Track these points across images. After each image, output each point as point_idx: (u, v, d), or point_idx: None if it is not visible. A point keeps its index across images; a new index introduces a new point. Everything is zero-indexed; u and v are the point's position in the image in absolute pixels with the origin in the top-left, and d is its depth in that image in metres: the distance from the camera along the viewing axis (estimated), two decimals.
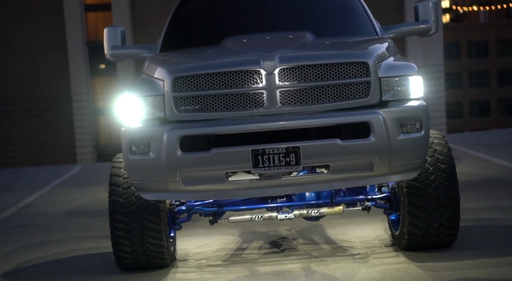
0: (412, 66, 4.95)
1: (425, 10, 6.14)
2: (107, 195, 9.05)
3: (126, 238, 5.24)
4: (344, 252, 5.61)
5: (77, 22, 22.48)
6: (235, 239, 6.34)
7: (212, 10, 6.42)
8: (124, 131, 4.95)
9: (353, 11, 6.20)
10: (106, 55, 6.43)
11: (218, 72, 4.75)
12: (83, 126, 20.85)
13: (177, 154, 4.71)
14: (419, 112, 4.84)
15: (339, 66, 4.74)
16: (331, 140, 4.68)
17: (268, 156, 4.68)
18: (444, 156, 5.23)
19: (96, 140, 22.72)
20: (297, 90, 4.74)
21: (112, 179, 5.33)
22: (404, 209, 5.25)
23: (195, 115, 4.79)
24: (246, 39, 5.51)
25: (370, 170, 4.76)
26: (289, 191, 4.90)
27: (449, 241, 5.35)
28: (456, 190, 5.20)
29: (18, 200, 9.18)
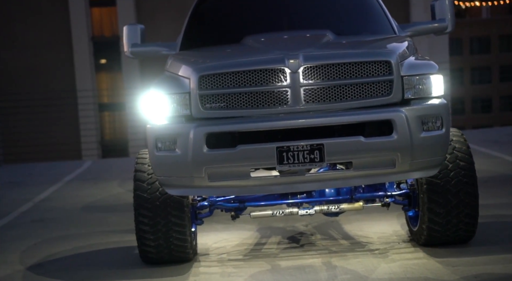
0: (433, 65, 5.04)
1: (441, 8, 6.23)
2: (121, 191, 9.19)
3: (151, 233, 5.33)
4: (363, 247, 5.71)
5: (82, 18, 22.57)
6: (253, 234, 6.44)
7: (231, 9, 6.50)
8: (150, 128, 5.03)
9: (371, 10, 6.28)
10: (125, 52, 6.51)
11: (243, 71, 4.84)
12: (88, 122, 20.95)
13: (203, 150, 4.80)
14: (440, 110, 4.93)
15: (362, 65, 4.83)
16: (355, 137, 4.77)
17: (293, 152, 4.77)
18: (463, 153, 5.32)
19: (101, 136, 22.82)
20: (321, 88, 4.83)
21: (136, 175, 5.41)
22: (423, 206, 5.34)
23: (220, 113, 4.88)
24: (268, 38, 5.59)
25: (392, 167, 4.85)
26: (312, 187, 5.00)
27: (467, 237, 5.45)
28: (475, 186, 5.29)
29: (34, 195, 9.27)
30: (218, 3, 6.57)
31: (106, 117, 22.96)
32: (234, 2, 6.54)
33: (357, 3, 6.37)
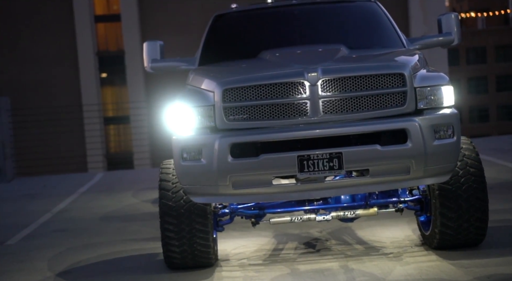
0: (444, 76, 5.32)
1: (448, 22, 6.52)
2: (136, 201, 9.45)
3: (176, 239, 5.58)
4: (377, 251, 5.96)
5: (87, 33, 22.91)
6: (270, 240, 6.69)
7: (246, 25, 6.80)
8: (175, 139, 5.30)
9: (380, 24, 6.57)
10: (146, 68, 6.79)
11: (265, 84, 5.12)
12: (93, 136, 21.22)
13: (228, 159, 5.07)
14: (451, 120, 5.20)
15: (378, 77, 5.11)
16: (371, 146, 5.04)
17: (313, 161, 5.04)
18: (472, 160, 5.59)
19: (106, 149, 23.09)
20: (339, 100, 5.10)
21: (161, 184, 5.67)
22: (436, 210, 5.60)
23: (243, 124, 5.15)
24: (284, 52, 5.87)
25: (407, 174, 5.12)
26: (331, 193, 5.27)
27: (478, 240, 5.70)
28: (485, 192, 5.56)
29: (51, 206, 9.52)
30: (234, 19, 6.86)
31: (111, 131, 23.26)
32: (249, 18, 6.83)
33: (368, 18, 6.66)
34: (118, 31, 23.83)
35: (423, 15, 22.95)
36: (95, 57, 23.19)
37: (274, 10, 6.82)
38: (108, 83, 24.18)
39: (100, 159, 21.49)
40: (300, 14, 6.72)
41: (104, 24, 24.23)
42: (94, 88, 22.49)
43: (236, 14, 6.89)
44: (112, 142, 23.56)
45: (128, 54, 23.56)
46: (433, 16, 23.59)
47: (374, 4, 6.80)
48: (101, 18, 24.19)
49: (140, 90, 22.83)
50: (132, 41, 23.57)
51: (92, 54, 23.00)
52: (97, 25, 23.85)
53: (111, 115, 23.61)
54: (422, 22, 22.51)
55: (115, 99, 23.84)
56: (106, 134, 23.00)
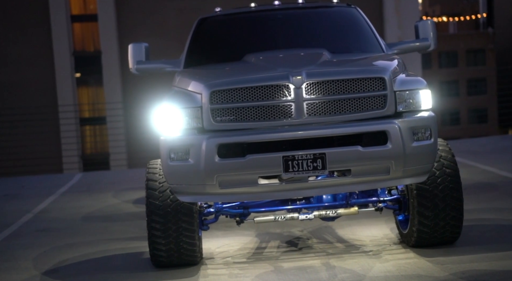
0: (422, 81, 5.54)
1: (424, 28, 6.75)
2: (117, 201, 9.54)
3: (162, 238, 5.72)
4: (357, 249, 6.16)
5: (63, 33, 22.86)
6: (253, 239, 6.86)
7: (230, 28, 6.96)
8: (163, 140, 5.44)
9: (360, 29, 6.79)
10: (131, 69, 6.92)
11: (251, 87, 5.29)
12: (69, 136, 21.20)
13: (215, 160, 5.23)
14: (429, 122, 5.42)
15: (360, 81, 5.31)
16: (353, 147, 5.24)
17: (298, 161, 5.22)
18: (448, 161, 5.81)
19: (82, 150, 23.07)
20: (322, 102, 5.29)
21: (148, 184, 5.81)
22: (413, 209, 5.81)
23: (230, 125, 5.31)
24: (268, 56, 6.04)
25: (387, 174, 5.33)
26: (314, 193, 5.46)
27: (453, 238, 5.93)
28: (460, 191, 5.78)
29: (32, 206, 9.57)
30: (218, 23, 7.02)
31: (87, 132, 23.25)
32: (233, 22, 6.99)
33: (348, 23, 6.87)
34: (95, 31, 23.83)
35: (398, 19, 23.32)
36: (71, 58, 23.17)
37: (257, 15, 7.00)
38: (84, 84, 24.15)
39: (76, 159, 21.46)
40: (282, 18, 6.90)
41: (81, 24, 24.22)
42: (70, 88, 22.47)
43: (220, 17, 7.05)
44: (88, 142, 23.55)
45: (105, 55, 23.60)
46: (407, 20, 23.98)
47: (354, 10, 7.01)
48: (78, 18, 24.17)
49: (117, 91, 22.86)
50: (109, 41, 23.62)
51: (68, 54, 22.97)
52: (74, 25, 23.84)
53: (87, 116, 23.59)
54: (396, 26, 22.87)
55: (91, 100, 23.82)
56: (82, 135, 22.98)
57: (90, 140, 23.25)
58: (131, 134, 21.87)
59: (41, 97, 21.96)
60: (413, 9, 24.45)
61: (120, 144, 20.13)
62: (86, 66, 23.30)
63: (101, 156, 22.41)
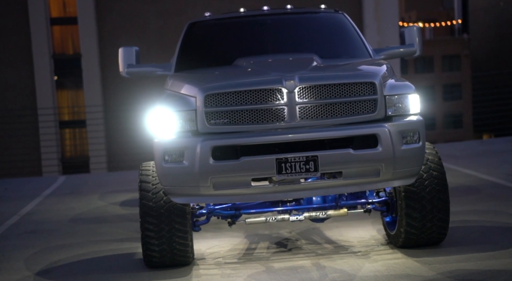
0: (410, 86, 5.70)
1: (410, 35, 6.92)
2: (103, 204, 9.59)
3: (156, 238, 5.81)
4: (346, 250, 6.29)
5: (43, 36, 22.79)
6: (243, 240, 6.96)
7: (220, 33, 7.07)
8: (158, 142, 5.53)
9: (348, 34, 6.94)
10: (121, 73, 6.99)
11: (245, 90, 5.40)
12: (48, 139, 21.12)
13: (210, 162, 5.33)
14: (418, 126, 5.58)
15: (351, 85, 5.45)
16: (345, 150, 5.37)
17: (290, 163, 5.34)
18: (435, 164, 5.97)
19: (62, 153, 22.98)
20: (314, 106, 5.42)
21: (142, 185, 5.89)
22: (401, 211, 5.96)
23: (224, 128, 5.42)
24: (260, 60, 6.15)
25: (377, 176, 5.47)
26: (307, 194, 5.58)
27: (439, 239, 6.08)
28: (446, 194, 5.94)
29: (17, 209, 9.57)
30: (208, 27, 7.13)
31: (66, 135, 23.18)
32: (223, 26, 7.11)
33: (336, 28, 7.01)
34: (75, 34, 23.79)
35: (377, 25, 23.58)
36: (50, 60, 23.10)
37: (247, 20, 7.12)
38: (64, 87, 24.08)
39: (55, 162, 21.38)
40: (272, 24, 7.03)
41: (60, 27, 24.16)
42: (49, 91, 22.40)
43: (210, 22, 7.15)
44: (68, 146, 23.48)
45: (85, 57, 23.53)
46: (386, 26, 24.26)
47: (341, 15, 7.16)
48: (57, 21, 24.10)
49: (97, 94, 22.83)
50: (88, 44, 23.55)
51: (48, 57, 22.90)
52: (53, 28, 23.77)
53: (67, 119, 23.52)
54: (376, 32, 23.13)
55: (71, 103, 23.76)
56: (61, 138, 22.90)
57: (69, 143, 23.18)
58: (111, 138, 21.83)
59: (21, 100, 21.86)
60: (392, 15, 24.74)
61: (100, 147, 20.11)
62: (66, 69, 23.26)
63: (81, 159, 22.35)
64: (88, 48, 23.41)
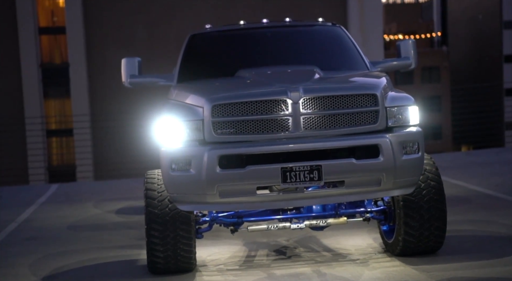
0: (410, 98, 5.89)
1: (405, 48, 7.13)
2: (99, 211, 9.69)
3: (161, 245, 5.93)
4: (345, 257, 6.45)
5: (31, 45, 22.84)
6: (242, 248, 7.10)
7: (221, 44, 7.24)
8: (165, 151, 5.67)
9: (346, 47, 7.13)
10: (124, 83, 7.12)
11: (251, 101, 5.56)
12: (36, 148, 21.13)
13: (216, 170, 5.48)
14: (417, 137, 5.77)
15: (354, 97, 5.63)
16: (348, 159, 5.54)
17: (295, 172, 5.50)
18: (433, 174, 6.16)
19: (49, 161, 22.98)
20: (318, 117, 5.59)
21: (147, 193, 6.01)
22: (400, 220, 6.13)
23: (230, 138, 5.57)
24: (262, 72, 6.31)
25: (378, 185, 5.64)
26: (310, 203, 5.73)
27: (436, 247, 6.26)
28: (444, 203, 6.13)
29: (14, 216, 9.62)
30: (209, 39, 7.29)
31: (53, 143, 23.20)
32: (224, 38, 7.27)
33: (335, 41, 7.20)
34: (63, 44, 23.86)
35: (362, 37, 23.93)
36: (38, 69, 23.14)
37: (247, 32, 7.29)
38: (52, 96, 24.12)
39: (42, 171, 21.40)
40: (272, 36, 7.20)
41: (48, 36, 24.23)
42: (37, 100, 22.45)
43: (211, 34, 7.31)
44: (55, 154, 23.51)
45: (73, 67, 23.60)
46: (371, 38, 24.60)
47: (339, 29, 7.35)
48: (46, 30, 24.17)
49: (84, 103, 22.91)
50: (76, 54, 23.61)
51: (36, 66, 22.94)
52: (41, 37, 23.83)
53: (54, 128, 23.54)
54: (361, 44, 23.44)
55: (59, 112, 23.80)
56: (48, 147, 22.91)
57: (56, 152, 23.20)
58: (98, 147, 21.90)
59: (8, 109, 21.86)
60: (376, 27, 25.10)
61: (86, 155, 20.15)
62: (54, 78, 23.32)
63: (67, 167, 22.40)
64: (76, 58, 23.47)
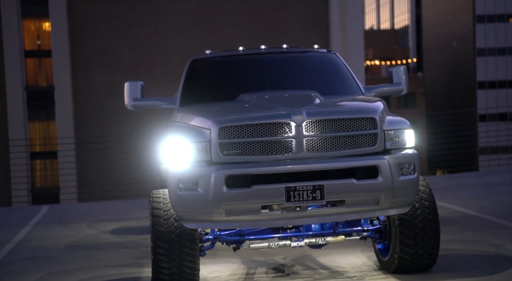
0: (406, 122, 6.20)
1: (397, 74, 7.46)
2: (94, 232, 9.85)
3: (166, 262, 6.13)
4: (342, 275, 6.70)
5: (16, 68, 22.97)
6: (240, 266, 7.31)
7: (222, 69, 7.53)
8: (172, 171, 5.90)
9: (341, 73, 7.44)
10: (127, 106, 7.35)
11: (256, 124, 5.82)
12: (19, 170, 21.17)
13: (223, 190, 5.72)
14: (413, 159, 6.06)
15: (354, 120, 5.92)
16: (348, 180, 5.82)
17: (299, 192, 5.76)
18: (427, 195, 6.45)
19: (32, 183, 23.00)
20: (320, 139, 5.86)
21: (153, 212, 6.22)
22: (396, 238, 6.40)
23: (236, 158, 5.82)
24: (264, 96, 6.58)
25: (376, 204, 5.92)
26: (312, 221, 5.99)
27: (430, 265, 6.53)
28: (437, 222, 6.41)
29: (9, 236, 9.74)
30: (210, 64, 7.57)
31: (37, 165, 23.26)
32: (225, 63, 7.56)
33: (330, 67, 7.52)
34: (48, 67, 24.02)
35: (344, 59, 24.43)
36: (23, 92, 23.26)
37: (247, 57, 7.58)
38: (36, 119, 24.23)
39: (25, 193, 21.42)
40: (270, 61, 7.51)
41: (34, 60, 24.40)
42: (21, 123, 22.53)
43: (212, 59, 7.59)
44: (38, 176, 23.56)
45: (58, 90, 23.74)
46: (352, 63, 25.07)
47: (334, 55, 7.67)
48: (31, 53, 24.35)
49: (69, 126, 23.04)
50: (62, 77, 23.77)
51: (21, 89, 23.07)
52: (27, 60, 23.99)
53: (38, 151, 23.62)
54: None
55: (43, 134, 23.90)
56: (32, 169, 22.96)
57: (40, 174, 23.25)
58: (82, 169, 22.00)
59: None
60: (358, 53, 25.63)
61: (70, 177, 20.23)
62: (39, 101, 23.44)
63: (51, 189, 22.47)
64: (62, 81, 23.64)
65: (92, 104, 23.29)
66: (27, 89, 23.59)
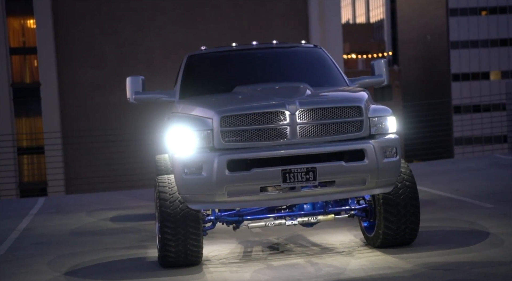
0: (389, 109, 6.84)
1: (379, 67, 8.11)
2: (94, 220, 10.42)
3: (173, 240, 6.72)
4: (332, 250, 7.33)
5: (2, 65, 23.31)
6: (237, 245, 7.92)
7: (218, 64, 8.12)
8: (178, 157, 6.49)
9: (328, 66, 8.08)
10: (128, 99, 7.92)
11: (254, 113, 6.43)
12: (6, 165, 21.54)
13: (225, 173, 6.32)
14: (395, 142, 6.71)
15: (342, 109, 6.54)
16: (338, 162, 6.45)
17: (293, 174, 6.38)
18: (408, 175, 7.11)
19: (19, 177, 23.37)
20: (312, 126, 6.48)
21: (160, 195, 6.81)
22: (380, 216, 7.05)
23: (237, 144, 6.43)
24: (259, 87, 7.19)
25: (363, 184, 6.56)
26: (306, 200, 6.61)
27: (411, 239, 7.20)
28: (417, 200, 7.07)
29: (13, 225, 10.23)
30: (206, 59, 8.16)
31: (24, 160, 23.64)
32: (220, 58, 8.15)
33: (317, 61, 8.15)
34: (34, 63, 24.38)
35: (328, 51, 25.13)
36: (9, 89, 23.62)
37: (240, 52, 8.19)
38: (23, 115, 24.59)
39: (13, 186, 21.81)
40: (262, 56, 8.12)
41: (19, 56, 24.73)
42: (8, 119, 22.89)
43: (208, 54, 8.18)
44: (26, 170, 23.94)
45: (44, 86, 24.15)
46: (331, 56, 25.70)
47: (320, 50, 8.31)
48: (17, 50, 24.67)
49: (55, 121, 23.48)
50: (47, 73, 24.19)
51: (7, 85, 23.41)
52: (12, 57, 24.31)
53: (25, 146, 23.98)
54: None
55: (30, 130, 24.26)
56: (19, 163, 23.32)
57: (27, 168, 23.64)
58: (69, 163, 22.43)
59: None
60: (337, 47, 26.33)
61: (58, 171, 20.66)
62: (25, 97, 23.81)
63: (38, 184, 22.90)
64: (47, 77, 24.05)
65: (78, 99, 23.74)
66: (13, 86, 23.97)
